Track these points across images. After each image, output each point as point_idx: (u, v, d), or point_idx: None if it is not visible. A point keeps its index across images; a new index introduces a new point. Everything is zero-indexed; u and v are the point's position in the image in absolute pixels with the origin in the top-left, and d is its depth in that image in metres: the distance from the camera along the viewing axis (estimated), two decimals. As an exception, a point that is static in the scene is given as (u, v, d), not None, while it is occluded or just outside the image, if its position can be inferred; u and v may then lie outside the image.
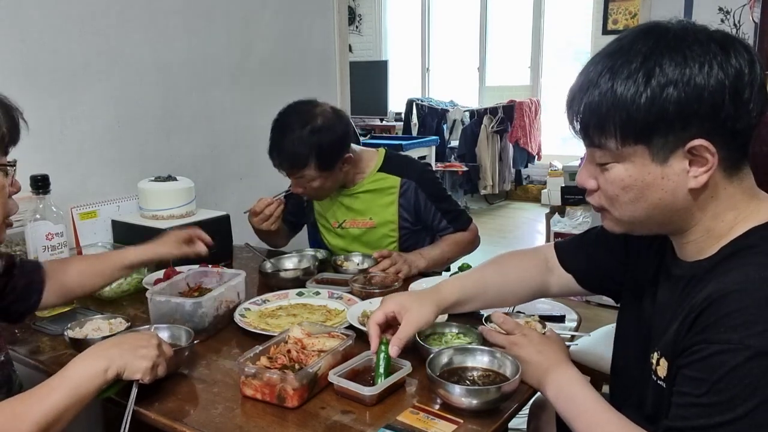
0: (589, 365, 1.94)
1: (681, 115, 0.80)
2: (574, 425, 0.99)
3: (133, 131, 2.19)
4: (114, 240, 2.02)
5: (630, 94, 0.81)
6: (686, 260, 0.93)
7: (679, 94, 0.79)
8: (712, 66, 0.79)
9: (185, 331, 1.28)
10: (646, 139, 0.83)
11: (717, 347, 0.78)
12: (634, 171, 0.86)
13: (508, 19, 7.07)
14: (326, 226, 2.01)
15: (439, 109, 6.73)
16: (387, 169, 1.93)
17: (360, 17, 7.74)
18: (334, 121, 1.77)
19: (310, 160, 1.74)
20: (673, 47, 0.81)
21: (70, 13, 1.98)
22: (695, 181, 0.84)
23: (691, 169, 0.83)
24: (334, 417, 1.06)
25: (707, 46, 0.80)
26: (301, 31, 2.79)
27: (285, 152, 1.75)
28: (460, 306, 1.23)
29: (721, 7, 2.97)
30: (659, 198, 0.86)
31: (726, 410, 0.76)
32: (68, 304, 1.59)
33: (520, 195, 6.84)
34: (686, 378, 0.82)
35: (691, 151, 0.82)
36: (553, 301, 1.52)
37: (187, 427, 1.05)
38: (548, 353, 1.10)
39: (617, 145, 0.85)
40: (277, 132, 1.78)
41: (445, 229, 1.92)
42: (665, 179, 0.85)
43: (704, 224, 0.89)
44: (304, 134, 1.72)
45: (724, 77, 0.79)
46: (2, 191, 1.06)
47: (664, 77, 0.79)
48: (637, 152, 0.84)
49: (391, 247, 1.93)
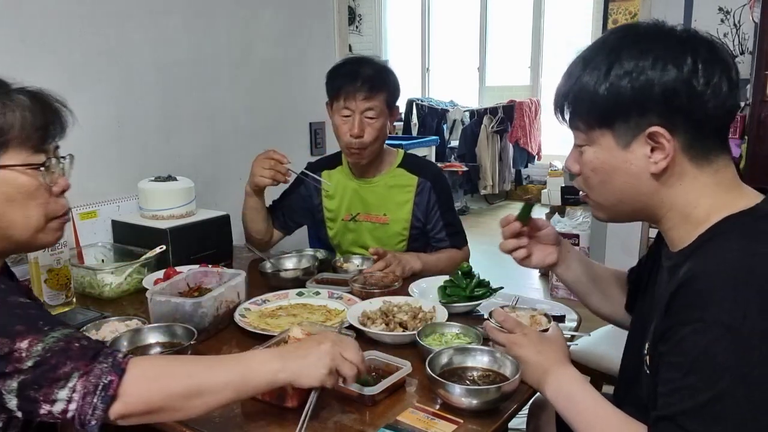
0: (590, 365, 1.94)
1: (636, 104, 0.88)
2: (574, 424, 0.99)
3: (133, 131, 2.19)
4: (114, 240, 2.02)
5: (593, 83, 0.91)
6: (673, 251, 0.97)
7: (633, 84, 0.88)
8: (666, 61, 0.87)
9: (187, 330, 1.29)
10: (610, 124, 0.91)
11: (690, 328, 0.80)
12: (601, 154, 0.94)
13: (508, 19, 7.07)
14: (337, 222, 2.00)
15: (439, 109, 6.73)
16: (406, 166, 1.96)
17: (360, 17, 7.74)
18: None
19: (386, 88, 1.82)
20: (635, 43, 0.89)
21: (70, 13, 1.98)
22: (655, 167, 0.90)
23: (652, 155, 0.90)
24: (334, 417, 1.06)
25: (666, 44, 0.88)
26: (301, 31, 2.79)
27: (365, 75, 1.80)
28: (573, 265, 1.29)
29: (721, 7, 2.97)
30: (624, 181, 0.94)
31: (706, 389, 0.78)
32: (68, 305, 1.59)
33: (521, 195, 6.84)
34: (667, 364, 0.84)
35: (651, 137, 0.89)
36: (553, 301, 1.52)
37: (187, 427, 1.05)
38: (548, 353, 1.10)
39: (585, 128, 0.95)
40: (353, 63, 1.85)
41: (441, 241, 1.94)
42: (628, 163, 0.92)
43: (678, 210, 0.93)
44: (380, 65, 1.87)
45: (676, 71, 0.86)
46: (38, 191, 0.98)
47: (621, 69, 0.88)
48: (603, 137, 0.93)
49: (400, 246, 1.95)
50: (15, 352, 0.83)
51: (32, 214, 0.98)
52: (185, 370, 0.92)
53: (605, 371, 1.91)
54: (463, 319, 1.44)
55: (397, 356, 1.20)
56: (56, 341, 0.85)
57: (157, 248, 1.80)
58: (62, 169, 1.02)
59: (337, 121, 1.85)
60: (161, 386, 0.90)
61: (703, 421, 0.78)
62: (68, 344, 0.86)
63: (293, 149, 2.80)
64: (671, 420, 0.81)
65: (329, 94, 1.87)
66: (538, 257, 1.28)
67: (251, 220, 1.95)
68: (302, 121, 2.84)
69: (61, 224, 1.04)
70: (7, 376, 0.83)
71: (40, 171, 0.98)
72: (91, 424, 0.85)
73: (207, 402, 0.92)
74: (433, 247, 1.96)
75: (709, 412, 0.78)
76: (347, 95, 1.79)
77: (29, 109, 0.96)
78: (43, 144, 0.99)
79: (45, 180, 0.99)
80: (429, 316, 1.40)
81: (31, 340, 0.84)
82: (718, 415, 0.78)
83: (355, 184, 1.96)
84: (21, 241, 0.99)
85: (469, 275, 1.56)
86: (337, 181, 2.00)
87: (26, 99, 0.96)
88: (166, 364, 0.94)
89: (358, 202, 1.96)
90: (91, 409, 0.84)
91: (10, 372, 0.83)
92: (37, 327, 0.86)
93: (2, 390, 0.84)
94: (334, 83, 1.84)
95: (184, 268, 1.69)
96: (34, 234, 0.99)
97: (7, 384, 0.83)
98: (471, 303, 1.52)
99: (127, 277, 1.70)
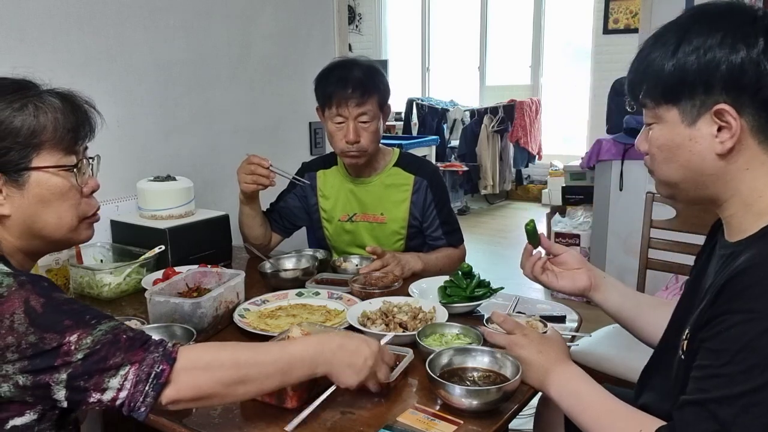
0: (590, 366, 1.93)
1: (701, 80, 0.87)
2: (581, 420, 0.99)
3: (132, 131, 2.19)
4: (113, 240, 2.02)
5: (661, 59, 0.91)
6: (731, 240, 0.95)
7: (699, 60, 0.87)
8: (736, 39, 0.85)
9: (186, 330, 1.28)
10: (676, 101, 0.91)
11: (739, 317, 0.79)
12: (667, 131, 0.93)
13: (508, 18, 7.06)
14: (333, 223, 2.00)
15: (439, 109, 6.73)
16: (402, 165, 1.96)
17: (360, 17, 7.73)
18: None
19: (376, 90, 1.81)
20: (706, 21, 0.89)
21: (70, 13, 1.97)
22: (721, 147, 0.88)
23: (719, 134, 0.88)
24: (334, 417, 1.06)
25: (738, 22, 0.87)
26: (301, 30, 2.79)
27: (356, 79, 1.78)
28: (611, 292, 1.27)
29: (721, 6, 2.96)
30: (687, 159, 0.92)
31: (746, 380, 0.77)
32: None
33: (521, 195, 6.84)
34: (707, 351, 0.83)
35: (717, 116, 0.87)
36: (553, 302, 1.52)
37: (187, 427, 1.05)
38: (549, 353, 1.10)
39: (653, 105, 0.94)
40: (341, 68, 1.83)
41: (438, 239, 1.94)
42: (692, 141, 0.91)
43: (741, 197, 0.92)
44: (368, 66, 1.85)
45: (745, 50, 0.85)
46: (70, 192, 1.00)
47: (689, 46, 0.88)
48: (669, 113, 0.92)
49: (398, 245, 1.94)
50: (64, 345, 0.85)
51: (65, 215, 1.01)
52: (233, 360, 0.95)
53: (606, 371, 1.90)
54: (463, 319, 1.43)
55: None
56: (104, 333, 0.88)
57: (156, 248, 1.79)
58: (91, 169, 1.05)
59: (331, 128, 1.84)
60: (211, 375, 0.93)
61: (736, 411, 0.78)
62: (116, 336, 0.89)
63: (293, 149, 2.81)
64: (701, 405, 0.81)
65: (320, 100, 1.86)
66: (567, 279, 1.28)
67: (248, 227, 1.94)
68: (302, 121, 2.84)
69: (91, 223, 1.08)
70: (56, 369, 0.85)
71: (72, 172, 1.00)
72: (141, 410, 0.88)
73: (252, 389, 0.97)
74: (429, 245, 1.96)
75: (743, 403, 0.77)
76: (339, 102, 1.78)
77: (60, 110, 0.98)
78: (75, 145, 1.01)
79: (76, 181, 1.01)
80: (429, 316, 1.40)
81: (80, 334, 0.86)
82: (751, 407, 0.77)
83: (351, 185, 1.96)
84: (54, 240, 1.02)
85: (470, 275, 1.56)
86: (333, 182, 1.99)
87: (57, 101, 0.98)
88: (215, 353, 0.96)
89: (354, 203, 1.96)
90: (143, 396, 0.87)
91: (59, 365, 0.85)
92: (85, 321, 0.88)
93: (50, 382, 0.85)
94: (324, 90, 1.82)
95: (183, 268, 1.69)
96: (67, 233, 1.02)
97: (56, 376, 0.85)
98: (471, 303, 1.51)
99: (126, 277, 1.69)
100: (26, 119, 0.94)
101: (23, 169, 0.95)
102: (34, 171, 0.96)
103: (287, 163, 2.67)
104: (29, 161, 0.95)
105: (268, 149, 2.66)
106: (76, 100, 1.02)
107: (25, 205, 0.97)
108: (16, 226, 0.98)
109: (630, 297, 1.28)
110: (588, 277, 1.27)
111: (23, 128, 0.94)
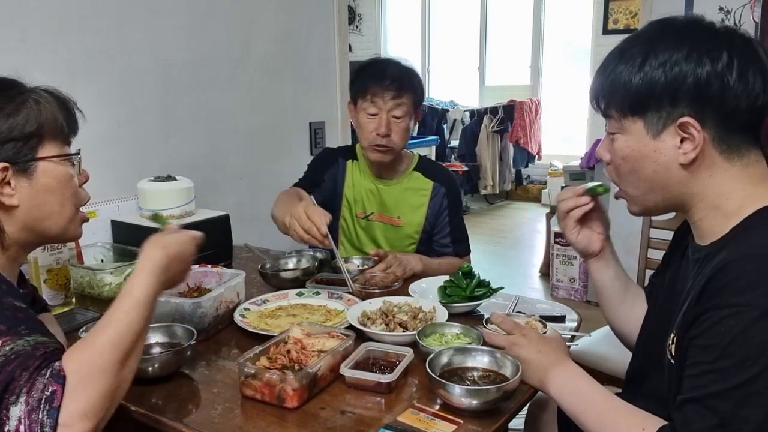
0: (590, 365, 1.93)
1: (668, 93, 0.90)
2: (582, 419, 0.99)
3: (132, 131, 2.19)
4: (113, 240, 2.02)
5: (627, 72, 0.93)
6: (702, 243, 0.97)
7: (666, 74, 0.90)
8: (702, 54, 0.88)
9: (186, 330, 1.28)
10: (642, 113, 0.93)
11: (725, 311, 0.81)
12: (632, 142, 0.96)
13: (508, 18, 7.07)
14: (352, 216, 1.99)
15: (439, 109, 6.73)
16: (422, 170, 1.97)
17: (360, 17, 7.74)
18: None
19: (412, 88, 1.83)
20: (671, 35, 0.92)
21: (70, 12, 1.98)
22: (684, 157, 0.92)
23: (682, 145, 0.92)
24: (334, 417, 1.06)
25: (703, 37, 0.90)
26: (301, 30, 2.79)
27: (393, 74, 1.80)
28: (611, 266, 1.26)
29: (721, 6, 2.96)
30: (653, 170, 0.95)
31: (740, 372, 0.78)
32: (67, 305, 1.59)
33: (521, 195, 6.84)
34: (698, 348, 0.84)
35: (681, 128, 0.90)
36: (553, 301, 1.52)
37: (187, 427, 1.05)
38: (548, 352, 1.10)
39: (618, 116, 0.97)
40: (381, 63, 1.86)
41: (445, 247, 1.95)
42: (657, 152, 0.94)
43: (709, 202, 0.94)
44: (406, 66, 1.87)
45: (710, 65, 0.88)
46: (71, 182, 1.05)
47: (656, 60, 0.91)
48: (635, 125, 0.95)
49: (410, 249, 1.95)
50: None
51: (67, 204, 1.05)
52: (109, 342, 0.87)
53: (606, 371, 1.91)
54: (463, 319, 1.43)
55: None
56: (24, 346, 0.83)
57: (157, 248, 1.79)
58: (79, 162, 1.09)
59: (362, 120, 1.83)
60: (102, 373, 0.85)
61: (734, 404, 0.79)
62: (34, 350, 0.83)
63: (293, 149, 2.81)
64: (700, 402, 0.81)
65: (354, 92, 1.86)
66: (585, 236, 1.24)
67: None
68: (302, 121, 2.84)
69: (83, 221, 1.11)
70: None
71: (72, 162, 1.05)
72: None
73: (137, 351, 0.92)
74: (435, 251, 1.96)
75: (741, 395, 0.78)
76: (375, 94, 1.79)
77: (54, 105, 1.03)
78: (69, 137, 1.06)
79: (74, 171, 1.06)
80: (429, 316, 1.40)
81: (5, 340, 0.83)
82: (749, 397, 0.78)
83: (372, 184, 1.96)
84: (52, 231, 1.04)
85: (470, 275, 1.56)
86: (356, 176, 1.98)
87: (49, 96, 1.03)
88: (96, 350, 0.87)
89: (374, 202, 1.96)
90: (39, 427, 0.77)
91: None
92: (17, 330, 0.85)
93: None
94: (361, 82, 1.83)
95: (183, 268, 1.69)
96: (66, 224, 1.05)
97: None
98: (471, 303, 1.51)
99: (126, 277, 1.69)
100: (30, 113, 0.98)
101: (31, 159, 0.99)
102: (41, 161, 1.00)
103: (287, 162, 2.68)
104: (36, 152, 1.00)
105: (268, 149, 2.67)
106: (62, 95, 1.07)
107: (33, 195, 1.00)
108: (21, 216, 1.00)
109: (622, 280, 1.27)
110: (602, 246, 1.25)
111: (29, 121, 0.98)
